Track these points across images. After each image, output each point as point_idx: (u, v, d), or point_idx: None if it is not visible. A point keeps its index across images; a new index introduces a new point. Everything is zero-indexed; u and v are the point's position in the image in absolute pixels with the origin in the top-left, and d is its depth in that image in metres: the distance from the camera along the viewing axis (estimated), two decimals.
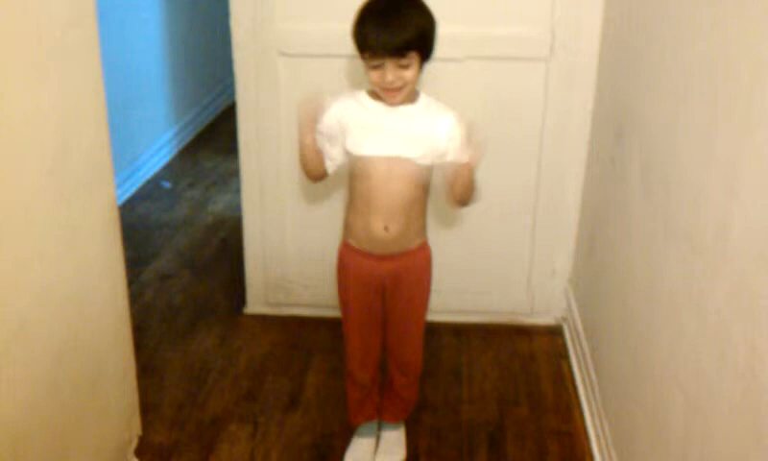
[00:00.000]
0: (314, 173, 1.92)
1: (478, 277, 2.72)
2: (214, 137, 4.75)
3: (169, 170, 4.25)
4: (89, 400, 1.84)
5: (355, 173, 1.87)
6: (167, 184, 4.03)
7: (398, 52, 1.70)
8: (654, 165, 1.77)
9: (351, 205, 1.91)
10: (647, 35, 1.89)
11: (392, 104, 1.79)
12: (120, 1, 3.66)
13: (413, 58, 1.73)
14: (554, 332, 2.72)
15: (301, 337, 2.69)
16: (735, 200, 1.29)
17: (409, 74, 1.74)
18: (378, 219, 1.85)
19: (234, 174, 3.58)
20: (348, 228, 1.94)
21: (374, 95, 1.83)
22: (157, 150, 4.26)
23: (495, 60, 2.42)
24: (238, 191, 2.77)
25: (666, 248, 1.64)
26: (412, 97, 1.82)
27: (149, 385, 2.35)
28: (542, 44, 2.41)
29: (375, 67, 1.74)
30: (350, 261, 1.95)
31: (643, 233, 1.84)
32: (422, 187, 1.88)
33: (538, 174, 2.57)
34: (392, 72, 1.72)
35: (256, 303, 2.82)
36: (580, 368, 2.45)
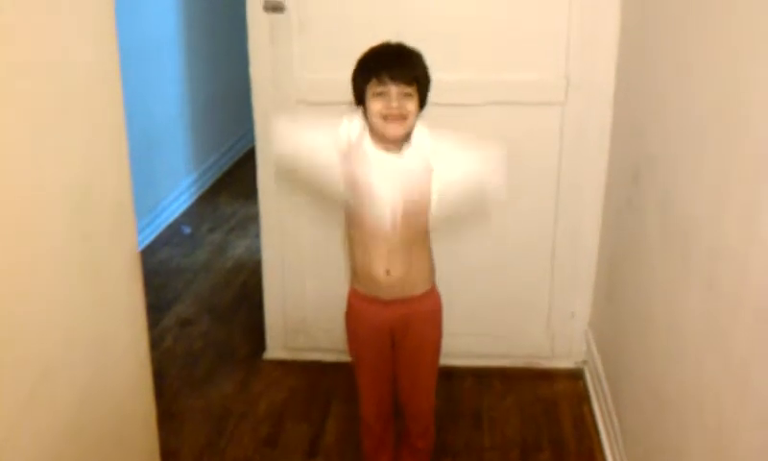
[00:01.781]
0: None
1: (497, 320, 2.71)
2: (234, 182, 4.79)
3: (189, 215, 4.29)
4: (111, 447, 1.84)
5: (350, 219, 1.89)
6: (187, 230, 4.07)
7: (404, 78, 1.74)
8: (671, 208, 1.77)
9: (351, 250, 1.93)
10: (662, 79, 1.90)
11: (393, 136, 1.79)
12: (141, 48, 3.73)
13: (414, 90, 1.77)
14: (575, 376, 2.70)
15: (321, 382, 2.69)
16: (754, 243, 1.29)
17: (411, 106, 1.77)
18: (379, 263, 1.86)
19: (254, 218, 3.61)
20: (353, 273, 1.95)
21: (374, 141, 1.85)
22: (178, 195, 4.31)
23: (512, 106, 2.45)
24: (257, 236, 2.80)
25: (686, 291, 1.64)
26: (408, 138, 1.83)
27: (169, 431, 2.35)
28: (558, 89, 2.43)
29: (379, 95, 1.76)
30: (358, 307, 1.96)
31: (662, 276, 1.83)
32: (420, 226, 1.87)
33: (555, 216, 2.58)
34: (396, 98, 1.75)
35: (276, 347, 2.82)
36: (602, 412, 2.42)
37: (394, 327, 1.94)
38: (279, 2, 2.41)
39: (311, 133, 1.90)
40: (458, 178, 1.84)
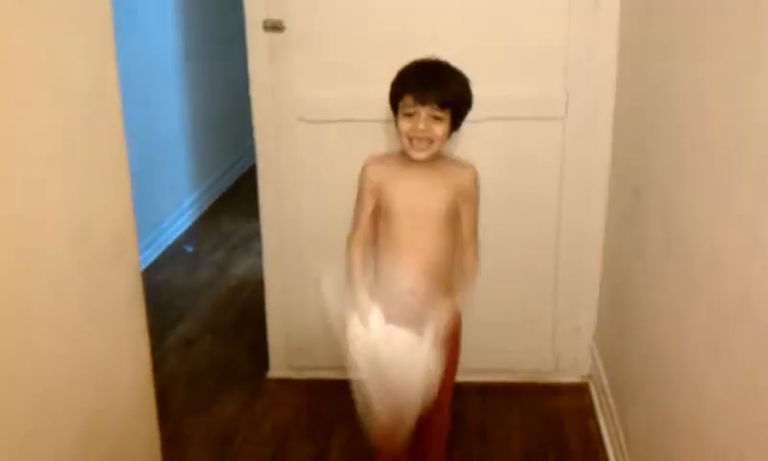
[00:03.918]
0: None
1: (502, 335, 2.70)
2: (235, 200, 4.79)
3: (191, 234, 4.28)
4: None
5: (381, 231, 1.89)
6: (189, 249, 4.07)
7: (435, 101, 1.74)
8: (673, 222, 1.77)
9: (376, 267, 1.92)
10: (662, 90, 1.90)
11: (416, 158, 1.81)
12: (142, 69, 3.74)
13: (446, 114, 1.77)
14: (580, 390, 2.69)
15: (326, 401, 2.67)
16: (757, 258, 1.28)
17: (439, 130, 1.78)
18: (404, 280, 1.85)
19: (256, 236, 3.59)
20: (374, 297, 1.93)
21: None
22: (180, 215, 4.31)
23: (512, 121, 2.44)
24: (260, 254, 2.79)
25: (689, 305, 1.63)
26: (436, 156, 1.85)
27: (173, 453, 2.33)
28: (558, 103, 2.42)
29: (409, 115, 1.77)
30: None
31: (665, 290, 1.82)
32: (448, 243, 1.88)
33: (558, 231, 2.57)
34: (424, 121, 1.76)
35: (279, 366, 2.81)
36: (608, 426, 2.41)
37: None
38: (279, 21, 2.41)
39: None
40: None
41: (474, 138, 2.44)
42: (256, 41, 2.45)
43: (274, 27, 2.42)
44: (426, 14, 2.41)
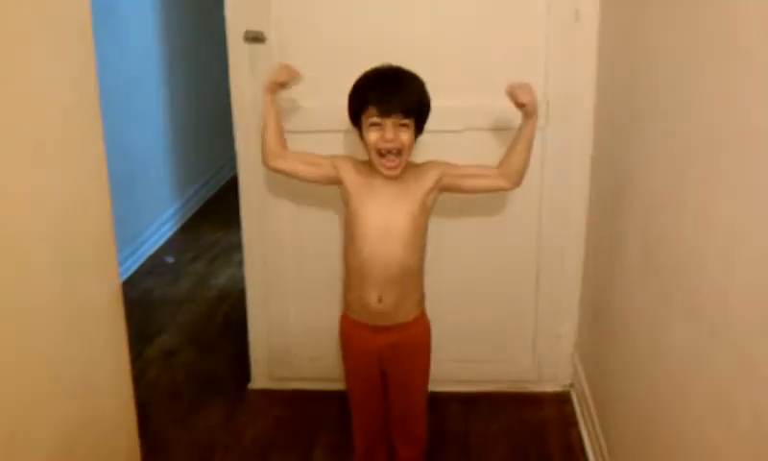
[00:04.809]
0: (268, 144, 1.99)
1: (483, 345, 2.71)
2: (216, 211, 4.78)
3: (172, 245, 4.26)
4: None
5: (348, 241, 1.90)
6: (170, 259, 4.05)
7: (402, 110, 1.75)
8: (653, 233, 1.78)
9: (346, 276, 1.93)
10: (643, 103, 1.91)
11: (388, 175, 1.82)
12: (122, 79, 3.72)
13: (411, 121, 1.78)
14: (562, 399, 2.69)
15: (308, 412, 2.66)
16: (735, 268, 1.29)
17: (406, 137, 1.78)
18: (372, 290, 1.86)
19: (237, 247, 3.59)
20: (345, 299, 1.96)
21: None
22: (160, 225, 4.29)
23: (492, 131, 2.45)
24: (240, 264, 2.78)
25: (668, 315, 1.64)
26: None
27: None
28: (538, 114, 2.43)
29: (375, 126, 1.77)
30: (349, 333, 1.96)
31: (645, 300, 1.83)
32: (416, 254, 1.89)
33: (538, 240, 2.58)
34: (391, 130, 1.76)
35: (261, 377, 2.80)
36: (589, 435, 2.42)
37: (382, 354, 1.94)
38: (260, 32, 2.41)
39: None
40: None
41: (455, 149, 2.44)
42: (237, 53, 2.45)
43: (255, 38, 2.42)
44: (406, 26, 2.42)
